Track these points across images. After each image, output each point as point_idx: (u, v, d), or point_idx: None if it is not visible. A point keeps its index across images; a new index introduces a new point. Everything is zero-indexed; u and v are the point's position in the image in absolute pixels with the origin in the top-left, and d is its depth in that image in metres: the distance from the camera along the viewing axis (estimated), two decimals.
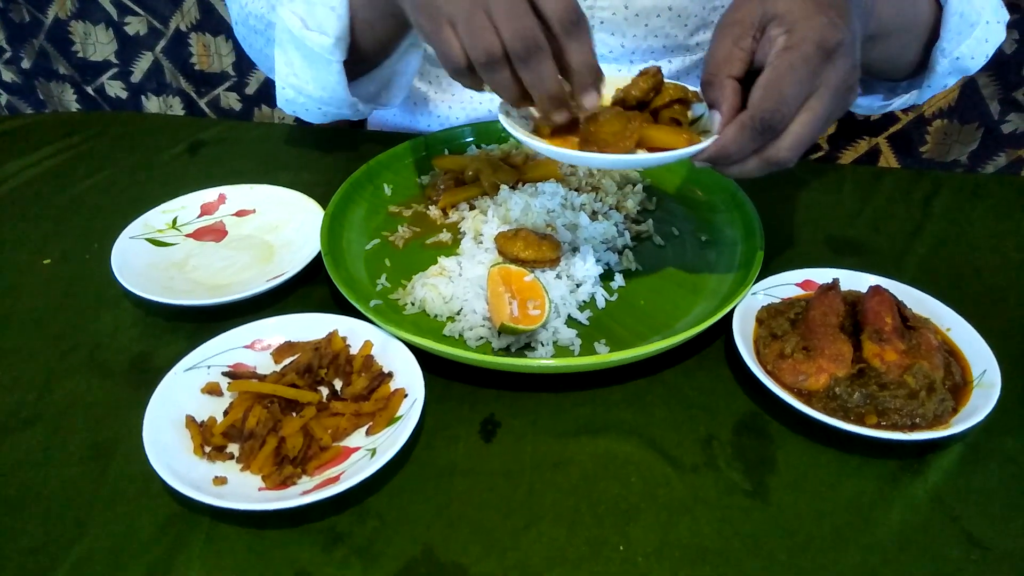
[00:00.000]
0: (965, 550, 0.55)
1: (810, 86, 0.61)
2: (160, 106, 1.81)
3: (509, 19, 0.63)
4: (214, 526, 0.57)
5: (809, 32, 0.61)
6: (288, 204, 0.89)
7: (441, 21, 0.66)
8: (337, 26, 0.84)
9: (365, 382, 0.65)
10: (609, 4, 0.98)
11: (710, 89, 0.66)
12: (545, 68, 0.65)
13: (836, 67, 0.61)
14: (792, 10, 0.62)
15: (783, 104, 0.61)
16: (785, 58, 0.61)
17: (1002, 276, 0.82)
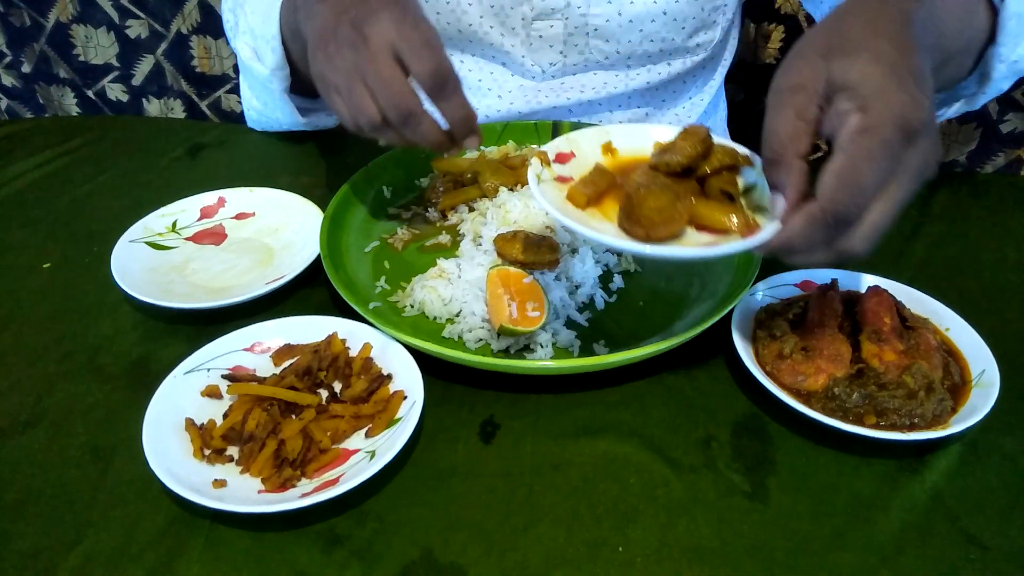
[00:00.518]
0: (964, 550, 0.55)
1: (889, 173, 0.55)
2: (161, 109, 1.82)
3: (382, 89, 0.68)
4: (214, 529, 0.57)
5: (888, 112, 0.53)
6: (287, 207, 0.89)
7: (329, 91, 0.72)
8: (272, 58, 0.90)
9: (364, 384, 0.66)
10: (602, 11, 0.98)
11: (774, 170, 0.58)
12: (422, 128, 0.71)
13: (918, 149, 0.55)
14: (866, 80, 0.54)
15: (859, 195, 0.54)
16: (862, 143, 0.53)
17: (1001, 276, 0.82)
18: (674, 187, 0.62)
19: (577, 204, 0.64)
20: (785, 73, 0.59)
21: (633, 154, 0.70)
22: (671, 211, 0.60)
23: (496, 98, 1.06)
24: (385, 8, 0.69)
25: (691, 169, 0.64)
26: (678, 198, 0.61)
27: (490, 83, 1.06)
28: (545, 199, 0.63)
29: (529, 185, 0.65)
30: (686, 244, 0.61)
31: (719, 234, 0.61)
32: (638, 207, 0.60)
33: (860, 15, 0.59)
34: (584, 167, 0.68)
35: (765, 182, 0.61)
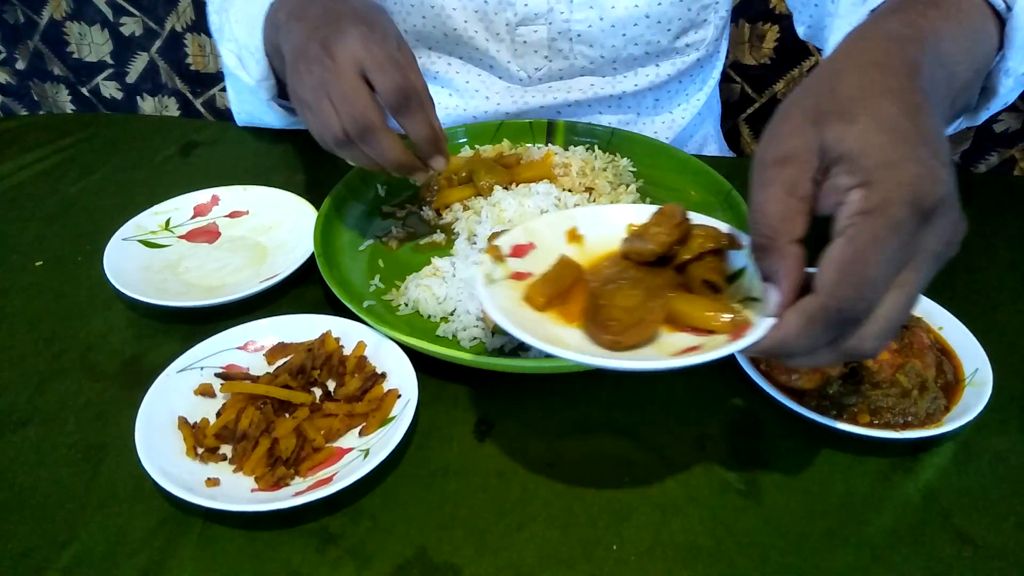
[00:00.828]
0: (957, 548, 0.56)
1: (902, 260, 0.45)
2: (155, 107, 1.81)
3: (344, 104, 0.69)
4: (207, 527, 0.57)
5: (897, 187, 0.44)
6: (281, 205, 0.89)
7: (302, 108, 0.74)
8: (256, 69, 0.89)
9: (358, 383, 0.65)
10: (584, 16, 0.98)
11: (765, 257, 0.49)
12: (382, 144, 0.71)
13: (936, 228, 0.45)
14: (868, 150, 0.45)
15: (867, 289, 0.45)
16: (867, 229, 0.44)
17: (994, 275, 0.82)
18: (647, 280, 0.54)
19: (535, 306, 0.54)
20: (771, 142, 0.50)
21: (603, 241, 0.60)
22: (642, 311, 0.51)
23: (484, 99, 1.06)
24: (353, 26, 0.71)
25: (667, 257, 0.55)
26: (651, 295, 0.53)
27: (477, 84, 1.06)
28: (494, 304, 0.53)
29: (477, 288, 0.55)
30: (662, 350, 0.51)
31: (703, 334, 0.51)
32: (604, 308, 0.52)
33: (857, 69, 0.50)
34: (546, 260, 0.58)
35: (753, 265, 0.52)
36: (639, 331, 0.50)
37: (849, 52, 0.52)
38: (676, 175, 0.94)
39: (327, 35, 0.71)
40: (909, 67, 0.50)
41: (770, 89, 1.47)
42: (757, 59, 1.45)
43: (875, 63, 0.50)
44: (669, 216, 0.56)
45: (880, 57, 0.50)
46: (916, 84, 0.49)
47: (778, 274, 0.48)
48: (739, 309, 0.51)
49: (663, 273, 0.55)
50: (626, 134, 0.99)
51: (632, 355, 0.50)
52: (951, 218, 0.46)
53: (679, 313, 0.52)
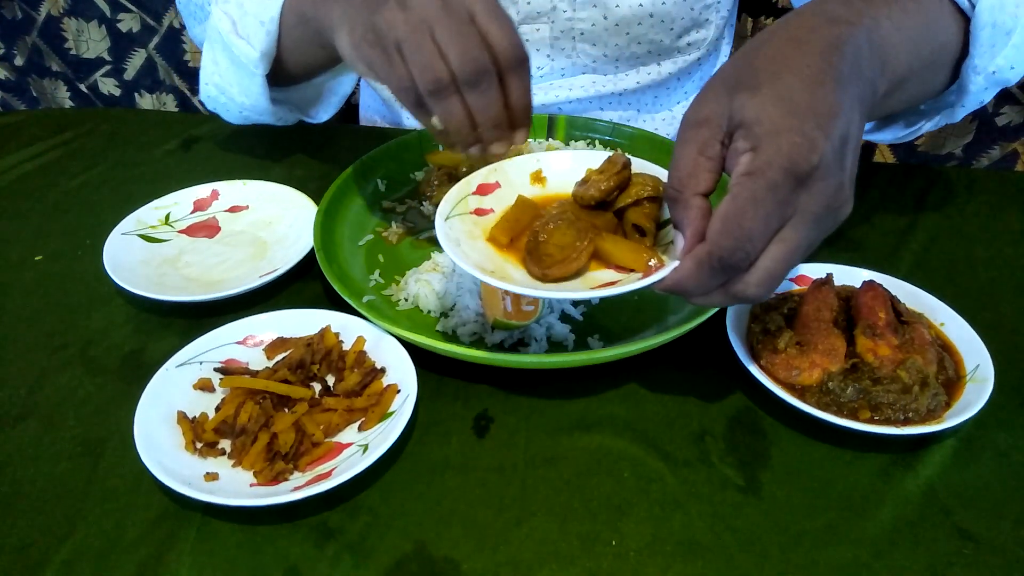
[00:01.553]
0: (957, 544, 0.55)
1: (779, 217, 0.51)
2: (153, 103, 1.81)
3: (457, 44, 0.62)
4: (205, 522, 0.57)
5: (776, 154, 0.50)
6: (281, 200, 0.88)
7: (388, 47, 0.64)
8: (265, 41, 0.83)
9: (358, 378, 0.65)
10: (588, 15, 0.97)
11: (675, 207, 0.55)
12: (493, 93, 0.65)
13: (813, 193, 0.51)
14: (761, 118, 0.51)
15: (745, 241, 0.51)
16: (747, 186, 0.50)
17: (996, 270, 0.82)
18: (582, 222, 0.59)
19: (499, 245, 0.62)
20: (694, 106, 0.55)
21: (563, 184, 0.66)
22: (572, 249, 0.58)
23: None
24: None
25: (607, 202, 0.61)
26: (584, 235, 0.58)
27: None
28: (447, 238, 0.60)
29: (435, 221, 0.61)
30: (586, 283, 0.58)
31: (624, 271, 0.58)
32: (542, 244, 0.59)
33: (776, 44, 0.55)
34: (508, 199, 0.65)
35: None
36: (565, 266, 0.58)
37: (778, 27, 0.57)
38: None
39: None
40: (828, 45, 0.54)
41: None
42: None
43: (794, 39, 0.54)
44: (612, 164, 0.62)
45: (802, 34, 0.55)
46: (829, 60, 0.53)
47: (683, 223, 0.55)
48: (658, 253, 0.58)
49: (603, 216, 0.61)
50: (626, 129, 0.98)
51: (559, 287, 0.58)
52: (829, 184, 0.51)
53: (605, 252, 0.59)
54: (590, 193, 0.61)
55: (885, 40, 0.59)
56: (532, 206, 0.64)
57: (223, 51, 0.88)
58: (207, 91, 0.94)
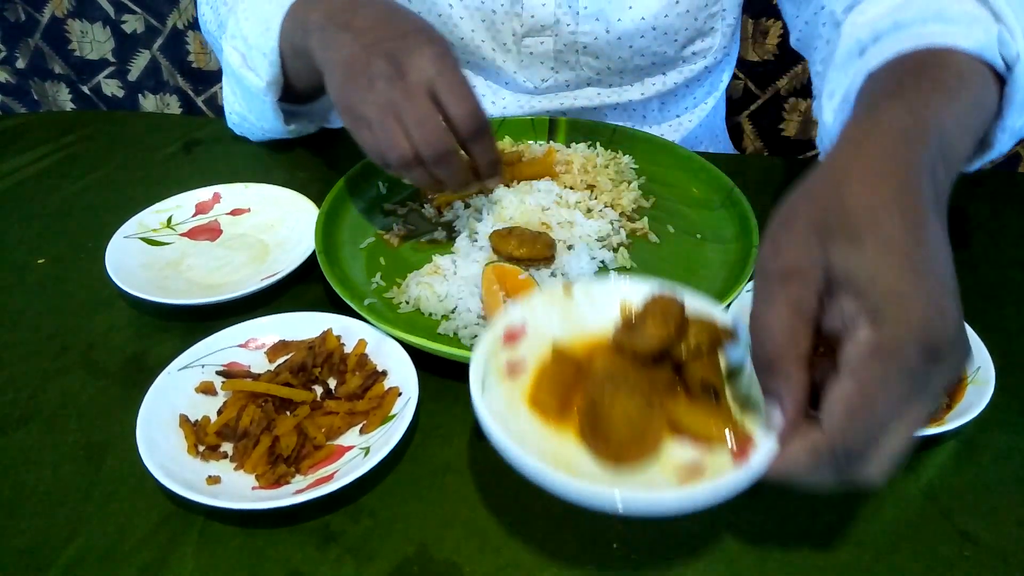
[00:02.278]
0: (958, 546, 0.55)
1: (911, 398, 0.44)
2: (157, 104, 1.81)
3: (419, 128, 0.69)
4: (208, 525, 0.57)
5: (907, 329, 0.43)
6: (283, 203, 0.89)
7: (359, 124, 0.72)
8: (269, 71, 0.87)
9: (359, 381, 0.65)
10: (590, 28, 0.98)
11: (768, 376, 0.47)
12: (456, 165, 0.72)
13: (944, 367, 0.44)
14: (876, 280, 0.43)
15: (875, 430, 0.44)
16: (877, 370, 0.43)
17: (997, 272, 0.82)
18: (646, 383, 0.52)
19: (545, 414, 0.53)
20: (775, 252, 0.48)
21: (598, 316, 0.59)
22: (644, 421, 0.50)
23: (490, 104, 1.06)
24: (426, 45, 0.70)
25: (663, 353, 0.54)
26: (651, 400, 0.51)
27: (484, 90, 1.06)
28: (494, 420, 0.50)
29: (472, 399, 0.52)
30: (664, 467, 0.50)
31: (702, 442, 0.51)
32: (604, 418, 0.50)
33: (863, 180, 0.47)
34: (540, 344, 0.57)
35: None
36: (641, 447, 0.50)
37: (854, 155, 0.50)
38: (678, 172, 0.93)
39: (394, 50, 0.70)
40: (912, 168, 0.48)
41: (773, 85, 1.47)
42: (760, 55, 1.45)
43: (881, 173, 0.48)
44: (664, 310, 0.54)
45: (887, 166, 0.48)
46: (919, 188, 0.47)
47: (781, 396, 0.47)
48: (740, 419, 0.51)
49: (661, 371, 0.53)
50: (628, 131, 0.98)
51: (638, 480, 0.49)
52: (960, 355, 0.45)
53: (680, 424, 0.51)
54: (647, 344, 0.53)
55: (952, 141, 0.54)
56: (570, 358, 0.56)
57: (237, 84, 0.94)
58: (231, 119, 1.02)
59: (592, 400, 0.51)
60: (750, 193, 0.85)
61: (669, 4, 0.95)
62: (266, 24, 0.86)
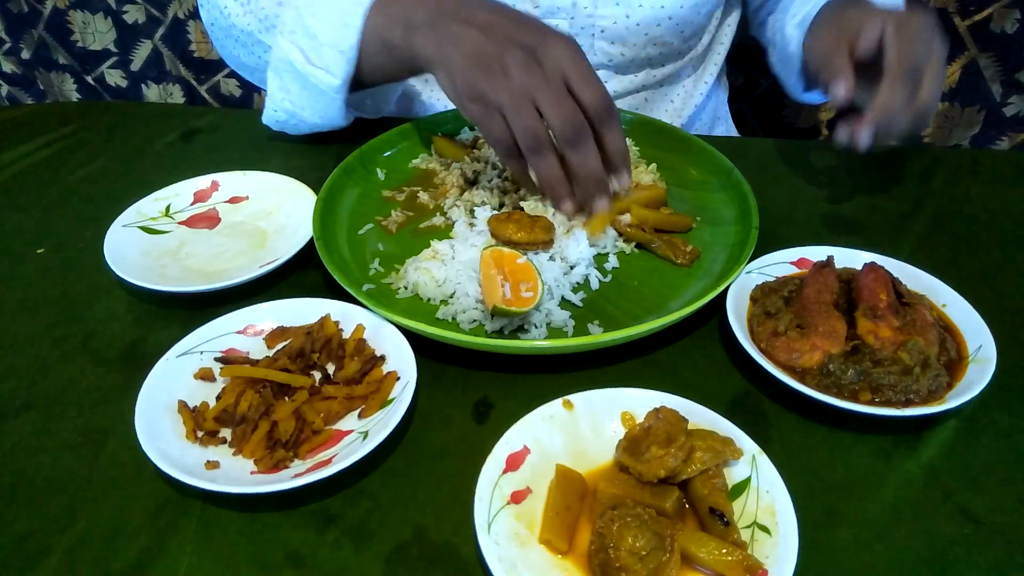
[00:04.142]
0: (958, 524, 0.55)
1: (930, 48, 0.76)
2: (160, 94, 1.81)
3: (556, 107, 0.70)
4: (207, 510, 0.57)
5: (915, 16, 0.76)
6: (281, 190, 0.88)
7: (490, 113, 0.73)
8: (345, 69, 0.86)
9: (357, 366, 0.65)
10: (610, 13, 0.98)
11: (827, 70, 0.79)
12: (591, 149, 0.73)
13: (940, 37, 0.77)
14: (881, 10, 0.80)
15: (920, 54, 0.74)
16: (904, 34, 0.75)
17: (999, 252, 0.81)
18: (653, 514, 0.52)
19: (555, 550, 0.53)
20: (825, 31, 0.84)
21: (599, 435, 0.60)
22: (653, 561, 0.50)
23: None
24: (557, 37, 0.73)
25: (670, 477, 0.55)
26: (663, 539, 0.51)
27: None
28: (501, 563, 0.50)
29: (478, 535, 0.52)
30: None
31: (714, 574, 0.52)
32: (613, 559, 0.50)
33: None
34: (543, 466, 0.57)
35: (757, 476, 0.55)
36: None
37: None
38: (678, 155, 0.93)
39: (528, 42, 0.72)
40: None
41: None
42: None
43: None
44: (668, 431, 0.56)
45: None
46: None
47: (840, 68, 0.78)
48: (747, 544, 0.52)
49: (667, 493, 0.55)
50: (628, 114, 0.98)
51: None
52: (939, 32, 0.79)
53: (691, 555, 0.52)
54: (652, 472, 0.54)
55: None
56: (577, 482, 0.56)
57: (294, 80, 0.90)
58: (275, 116, 0.97)
59: (600, 534, 0.51)
60: (750, 175, 0.84)
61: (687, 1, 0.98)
62: (343, 20, 0.83)
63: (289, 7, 0.88)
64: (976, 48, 1.37)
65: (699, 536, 0.52)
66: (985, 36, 1.36)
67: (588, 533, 0.53)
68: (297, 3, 0.87)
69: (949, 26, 1.36)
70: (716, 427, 0.58)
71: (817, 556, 0.53)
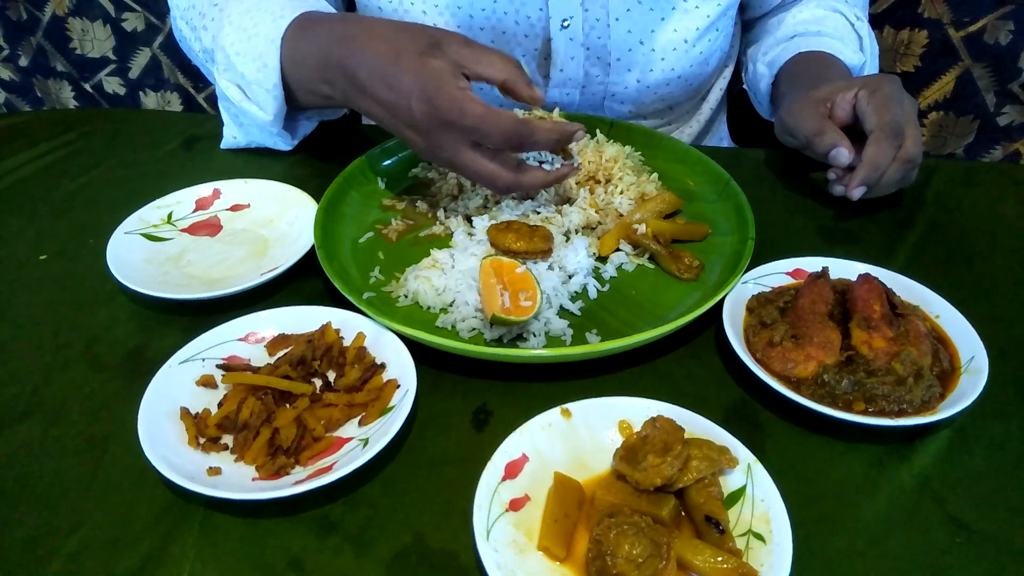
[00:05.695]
0: (950, 533, 0.56)
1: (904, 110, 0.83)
2: (158, 102, 1.82)
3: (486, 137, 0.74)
4: (208, 516, 0.58)
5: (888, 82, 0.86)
6: (282, 198, 0.89)
7: None
8: (274, 105, 0.89)
9: (358, 373, 0.66)
10: (622, 80, 1.02)
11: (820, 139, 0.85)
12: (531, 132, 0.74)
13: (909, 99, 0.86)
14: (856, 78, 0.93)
15: (898, 114, 0.82)
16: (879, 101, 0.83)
17: (992, 263, 0.82)
18: (650, 529, 0.53)
19: (553, 557, 0.54)
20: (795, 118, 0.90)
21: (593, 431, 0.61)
22: (652, 567, 0.51)
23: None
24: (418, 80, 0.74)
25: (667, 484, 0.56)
26: (659, 546, 0.52)
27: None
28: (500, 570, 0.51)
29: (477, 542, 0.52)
30: None
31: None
32: (609, 566, 0.51)
33: None
34: (541, 474, 0.58)
35: (752, 485, 0.56)
36: None
37: None
38: (675, 165, 0.94)
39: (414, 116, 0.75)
40: None
41: None
42: None
43: None
44: (665, 439, 0.57)
45: None
46: None
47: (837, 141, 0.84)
48: (742, 552, 0.53)
49: (663, 501, 0.55)
50: (625, 124, 0.99)
51: None
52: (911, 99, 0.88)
53: (687, 562, 0.53)
54: (649, 481, 0.55)
55: None
56: (575, 490, 0.57)
57: (235, 112, 0.96)
58: (233, 142, 1.01)
59: (598, 541, 0.52)
60: (745, 186, 0.86)
61: (697, 58, 1.01)
62: (262, 61, 0.86)
63: (219, 47, 0.91)
64: (970, 58, 1.39)
65: (695, 544, 0.53)
66: (978, 47, 1.37)
67: (586, 540, 0.54)
68: (223, 43, 0.90)
69: (943, 37, 1.38)
70: (712, 436, 0.59)
71: (811, 564, 0.54)
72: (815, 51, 1.03)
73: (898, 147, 0.82)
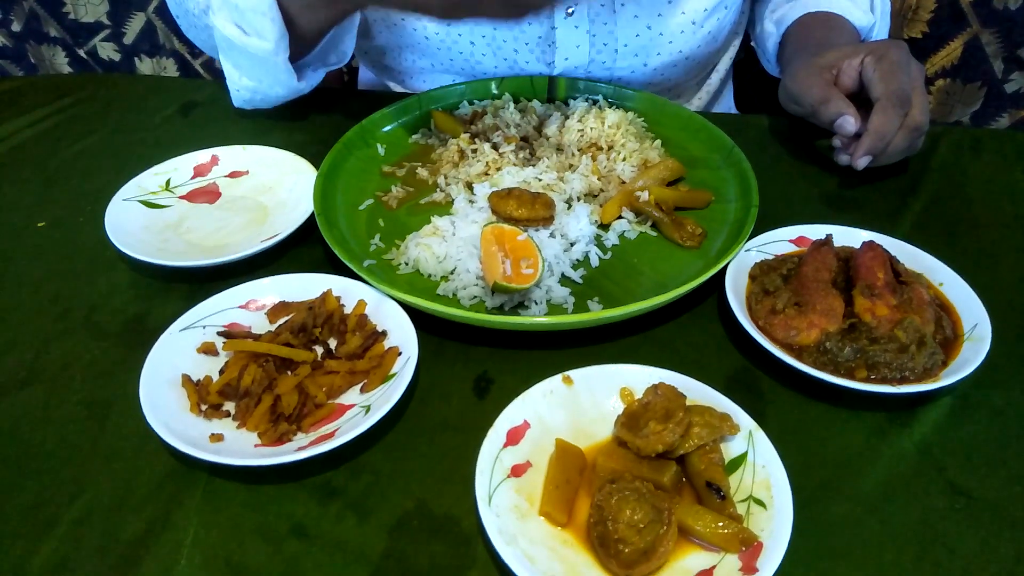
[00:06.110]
0: (949, 499, 0.56)
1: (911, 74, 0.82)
2: (154, 68, 1.79)
3: None
4: (211, 481, 0.58)
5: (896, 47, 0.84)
6: (281, 165, 0.88)
7: None
8: (274, 29, 0.85)
9: (359, 341, 0.66)
10: (628, 64, 1.00)
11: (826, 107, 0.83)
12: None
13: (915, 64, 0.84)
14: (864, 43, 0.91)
15: (904, 82, 0.80)
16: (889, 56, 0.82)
17: (996, 231, 0.81)
18: (652, 495, 0.53)
19: (555, 522, 0.54)
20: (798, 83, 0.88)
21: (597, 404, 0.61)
22: (650, 534, 0.51)
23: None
24: None
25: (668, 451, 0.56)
26: (660, 512, 0.52)
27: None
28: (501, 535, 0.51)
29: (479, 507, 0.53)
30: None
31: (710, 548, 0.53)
32: (611, 531, 0.51)
33: None
34: (543, 440, 0.58)
35: (754, 451, 0.56)
36: (652, 561, 0.50)
37: None
38: (679, 131, 0.93)
39: None
40: None
41: None
42: None
43: None
44: (667, 406, 0.57)
45: None
46: None
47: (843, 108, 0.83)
48: (743, 518, 0.53)
49: (665, 467, 0.55)
50: (628, 91, 0.98)
51: None
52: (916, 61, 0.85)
53: (687, 528, 0.53)
54: (651, 447, 0.55)
55: None
56: (576, 456, 0.57)
57: (240, 55, 0.91)
58: (240, 96, 0.97)
59: (599, 507, 0.53)
60: (750, 153, 0.85)
61: (705, 37, 0.99)
62: None
63: None
64: (978, 24, 1.37)
65: (696, 509, 0.53)
66: (987, 13, 1.35)
67: (587, 506, 0.55)
68: None
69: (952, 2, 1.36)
70: (714, 403, 0.59)
71: (811, 529, 0.54)
72: (823, 11, 1.00)
73: (904, 115, 0.80)
